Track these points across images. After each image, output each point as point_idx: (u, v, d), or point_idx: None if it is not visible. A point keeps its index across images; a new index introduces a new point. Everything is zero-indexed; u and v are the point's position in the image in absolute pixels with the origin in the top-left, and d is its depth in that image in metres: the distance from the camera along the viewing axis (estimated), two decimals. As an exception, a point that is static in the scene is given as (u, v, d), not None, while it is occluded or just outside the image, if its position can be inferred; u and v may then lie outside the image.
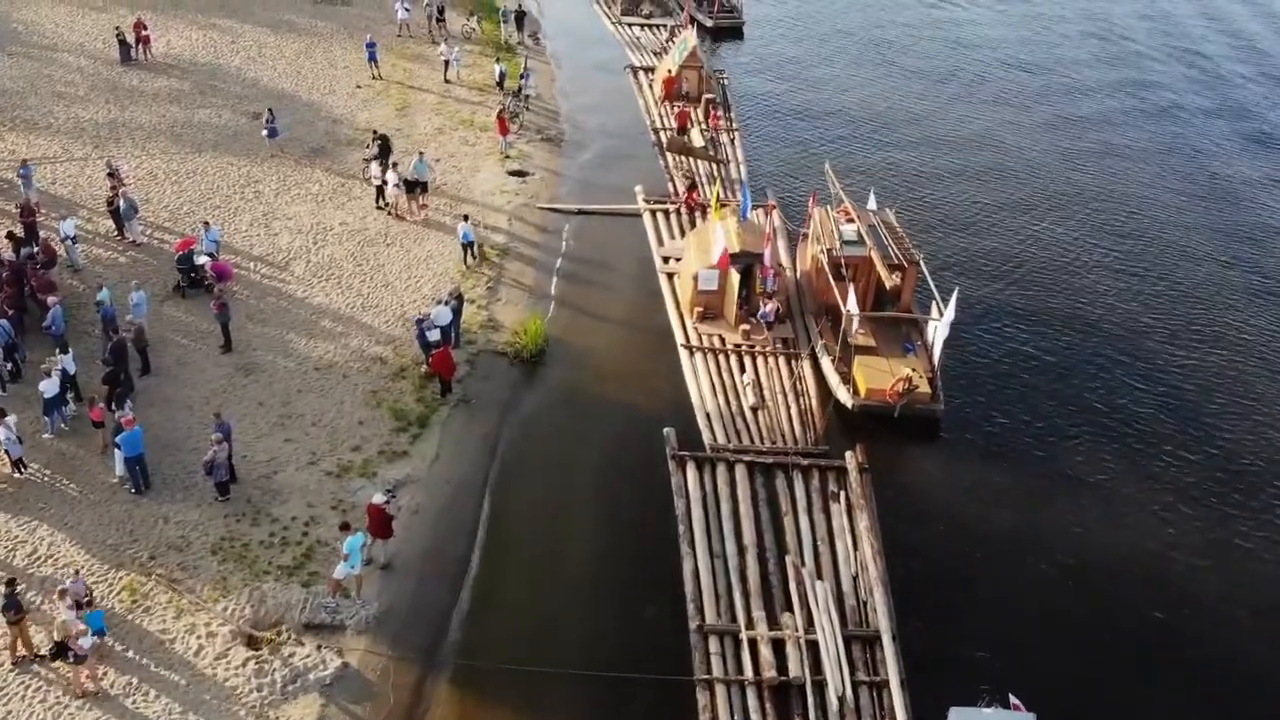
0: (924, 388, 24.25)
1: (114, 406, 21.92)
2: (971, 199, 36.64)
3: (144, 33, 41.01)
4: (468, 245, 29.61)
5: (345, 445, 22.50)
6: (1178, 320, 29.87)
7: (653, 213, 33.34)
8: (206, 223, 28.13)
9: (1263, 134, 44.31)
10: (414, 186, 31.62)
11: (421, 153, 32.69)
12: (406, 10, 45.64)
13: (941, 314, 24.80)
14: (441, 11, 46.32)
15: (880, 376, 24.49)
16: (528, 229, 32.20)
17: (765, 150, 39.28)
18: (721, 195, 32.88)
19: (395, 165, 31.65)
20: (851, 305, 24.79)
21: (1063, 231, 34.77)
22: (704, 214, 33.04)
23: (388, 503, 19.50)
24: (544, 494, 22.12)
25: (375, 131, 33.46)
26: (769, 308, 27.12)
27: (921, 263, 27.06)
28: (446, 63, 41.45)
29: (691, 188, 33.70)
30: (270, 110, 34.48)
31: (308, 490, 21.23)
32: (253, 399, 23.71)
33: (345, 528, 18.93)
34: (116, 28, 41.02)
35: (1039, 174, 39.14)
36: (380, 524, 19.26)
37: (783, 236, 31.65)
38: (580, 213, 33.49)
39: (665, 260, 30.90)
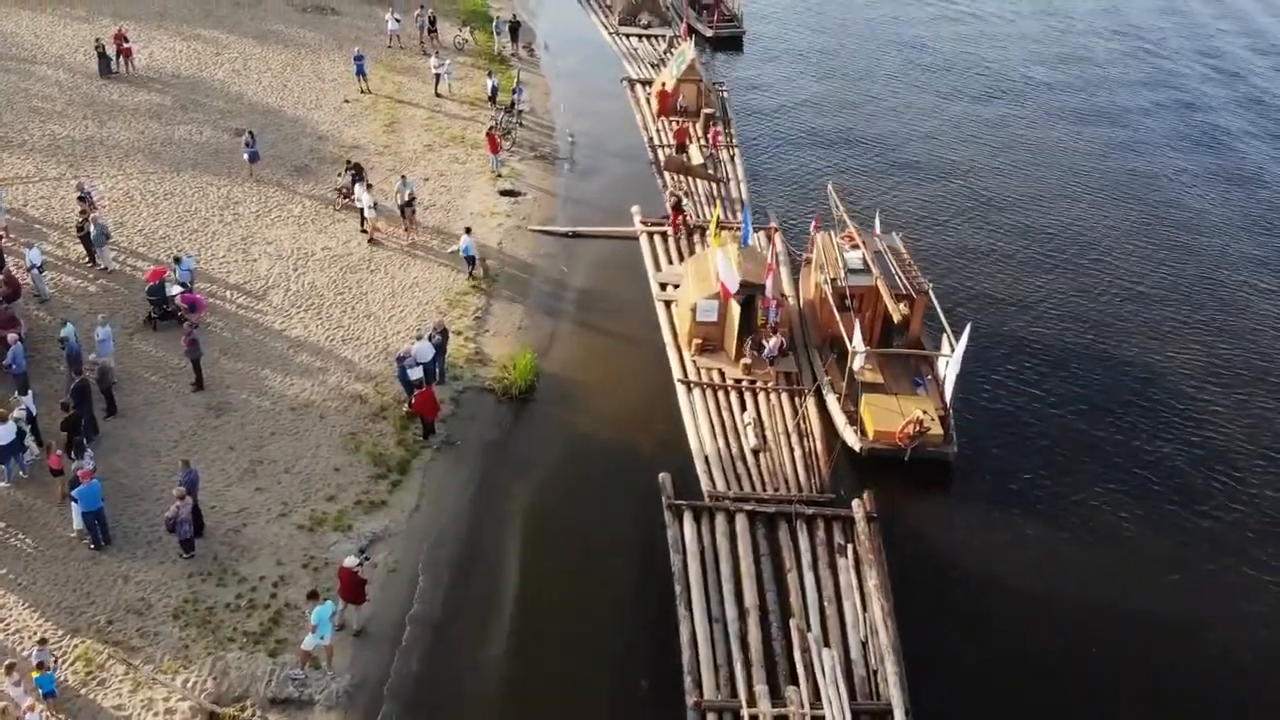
0: (936, 429, 22.86)
1: (73, 454, 20.55)
2: (983, 221, 35.01)
3: (125, 44, 39.72)
4: (470, 259, 28.50)
5: (320, 494, 21.12)
6: (1211, 357, 27.91)
7: (650, 236, 31.94)
8: (178, 258, 26.68)
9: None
10: (404, 207, 30.32)
11: (404, 176, 31.31)
12: (397, 21, 44.32)
13: (953, 348, 23.41)
14: (433, 22, 44.93)
15: (889, 417, 23.11)
16: (519, 253, 30.82)
17: (766, 167, 37.88)
18: (722, 217, 31.59)
19: (370, 187, 30.29)
20: (857, 342, 23.40)
21: (1085, 258, 32.92)
22: (700, 236, 31.71)
23: (360, 565, 18.10)
24: (531, 548, 20.70)
25: (349, 161, 31.94)
26: (773, 343, 25.73)
27: (930, 292, 25.67)
28: (438, 76, 40.10)
29: (677, 208, 32.03)
30: (250, 133, 33.05)
31: (278, 546, 19.85)
32: (223, 443, 22.33)
33: (314, 596, 17.50)
34: (97, 39, 39.77)
35: (1057, 194, 37.30)
36: (352, 588, 17.89)
37: (785, 263, 30.32)
38: (574, 235, 32.11)
39: (662, 287, 29.50)
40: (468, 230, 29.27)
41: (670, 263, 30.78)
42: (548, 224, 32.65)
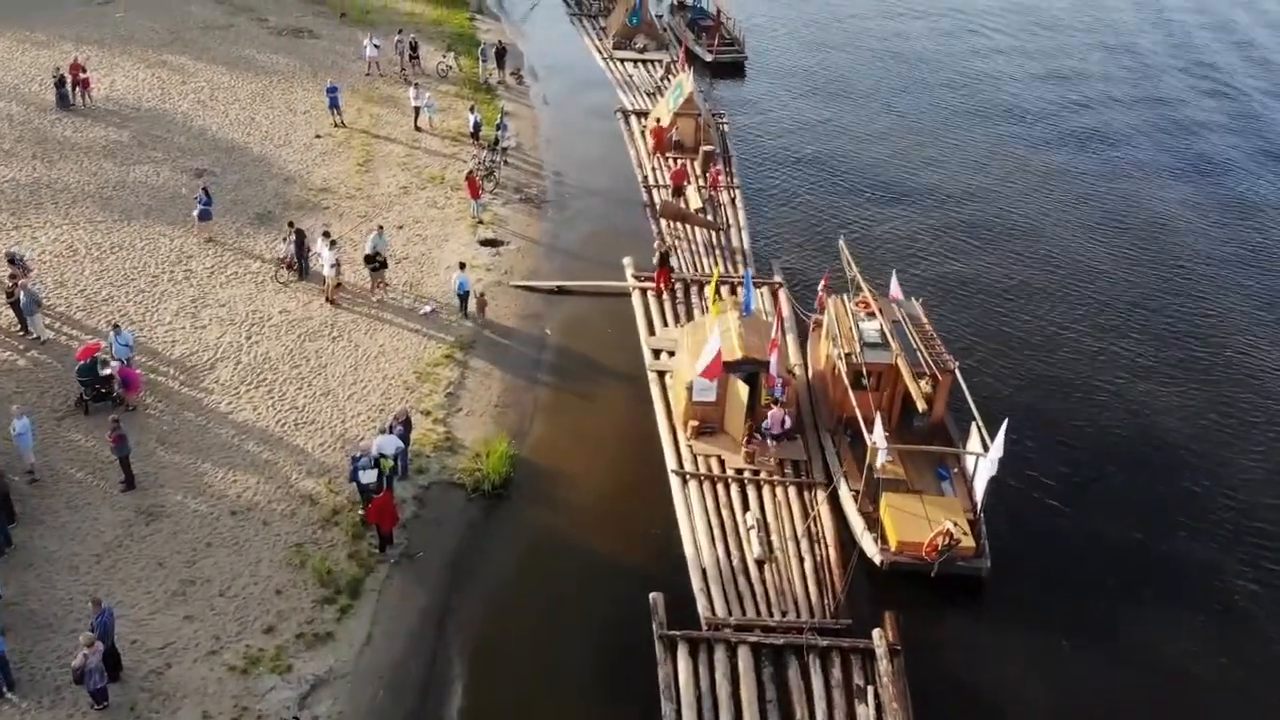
0: (968, 541, 20.01)
1: (-28, 580, 17.79)
2: (1013, 280, 31.33)
3: (82, 75, 37.01)
4: (464, 296, 26.82)
5: (257, 625, 18.29)
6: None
7: (642, 292, 29.08)
8: (116, 325, 23.91)
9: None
10: (377, 264, 27.64)
11: (380, 226, 28.50)
12: (376, 47, 41.50)
13: (985, 445, 20.56)
14: (414, 48, 42.17)
15: (914, 524, 20.24)
16: (499, 314, 27.96)
17: (770, 210, 34.80)
18: (722, 272, 28.84)
19: (334, 243, 27.46)
20: (878, 437, 20.52)
21: (1138, 328, 29.20)
22: (698, 292, 28.91)
23: (293, 734, 15.33)
24: (500, 694, 17.82)
25: (291, 223, 28.82)
26: (773, 415, 22.94)
27: (957, 371, 22.85)
28: (417, 109, 37.27)
29: (663, 262, 28.94)
30: (205, 188, 29.95)
31: (205, 693, 17.01)
32: (152, 557, 19.51)
33: (231, 783, 14.76)
34: (56, 68, 37.10)
35: (1102, 249, 33.45)
36: (282, 766, 15.11)
37: (791, 327, 27.49)
38: (560, 291, 29.29)
39: (656, 355, 26.66)
40: (461, 265, 27.48)
41: (665, 324, 27.95)
42: (532, 278, 29.83)
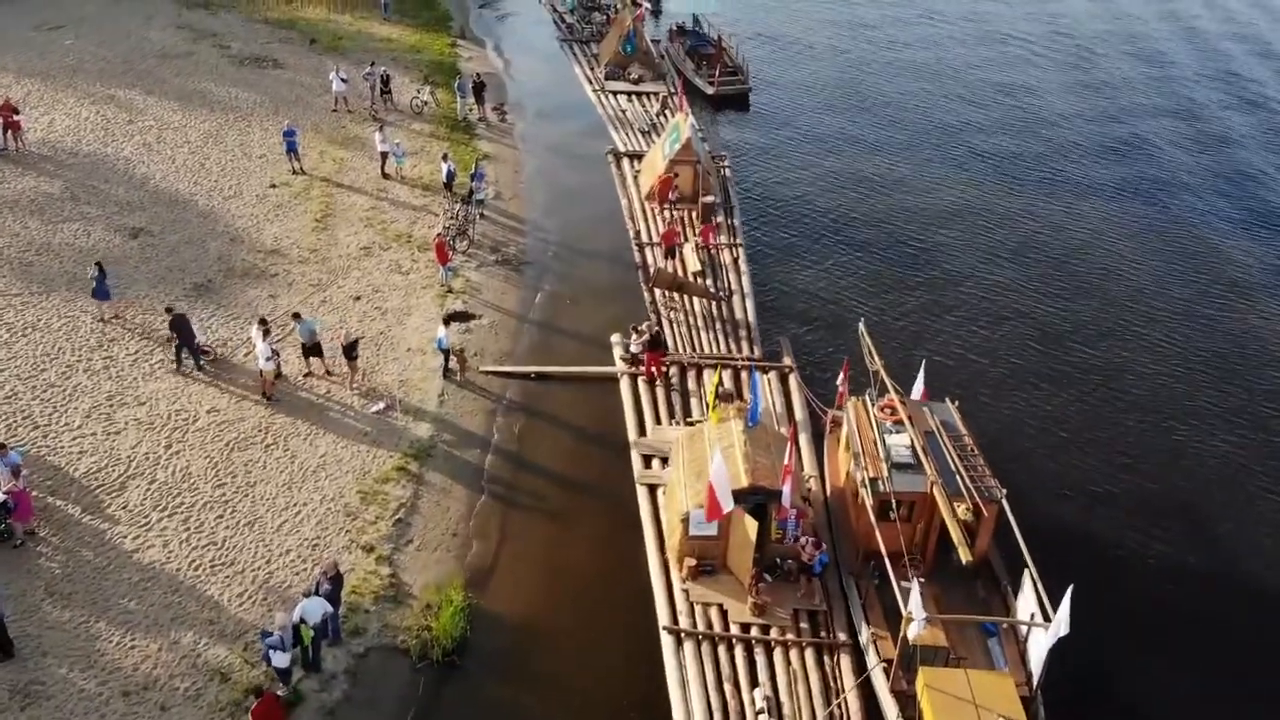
0: (1028, 738, 16.17)
1: None
2: (1065, 366, 27.00)
3: (14, 118, 33.32)
4: (445, 353, 24.23)
5: None
6: None
7: (633, 379, 25.25)
8: (2, 445, 20.14)
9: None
10: (316, 350, 24.08)
11: (297, 314, 24.56)
12: (343, 81, 37.70)
13: (1045, 612, 16.73)
14: (386, 81, 38.35)
15: (959, 712, 16.31)
16: (465, 407, 24.20)
17: (777, 271, 30.62)
18: (724, 354, 25.03)
19: (268, 332, 23.60)
20: (915, 606, 16.64)
21: (1229, 431, 24.68)
22: (696, 375, 25.13)
23: None
24: None
25: (170, 309, 24.48)
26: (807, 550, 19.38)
27: (1004, 501, 18.97)
28: (384, 154, 33.48)
29: (655, 344, 25.11)
30: (99, 265, 25.59)
31: None
32: (18, 760, 15.82)
33: None
34: (-14, 110, 33.47)
35: (1190, 320, 29.21)
36: None
37: (805, 422, 23.69)
38: (538, 378, 25.49)
39: (647, 462, 22.80)
40: (446, 321, 25.25)
41: (659, 421, 24.12)
42: (506, 360, 26.03)
